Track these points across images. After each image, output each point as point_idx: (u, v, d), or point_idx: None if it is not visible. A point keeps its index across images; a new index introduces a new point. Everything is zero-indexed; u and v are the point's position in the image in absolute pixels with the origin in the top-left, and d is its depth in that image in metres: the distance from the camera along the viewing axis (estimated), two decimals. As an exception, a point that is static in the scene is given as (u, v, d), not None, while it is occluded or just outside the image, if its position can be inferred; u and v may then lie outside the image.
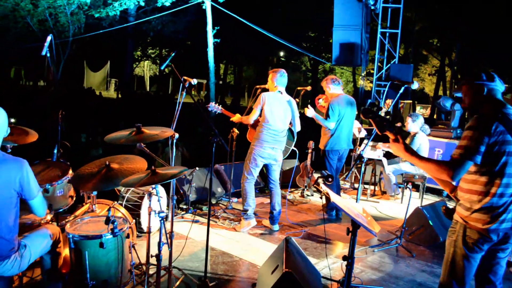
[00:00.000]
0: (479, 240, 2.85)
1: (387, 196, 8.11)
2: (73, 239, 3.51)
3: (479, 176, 2.85)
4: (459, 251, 2.94)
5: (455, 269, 2.96)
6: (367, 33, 11.17)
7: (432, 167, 2.85)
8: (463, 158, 2.76)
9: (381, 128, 3.07)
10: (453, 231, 3.01)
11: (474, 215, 2.86)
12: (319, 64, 33.82)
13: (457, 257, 2.95)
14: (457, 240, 2.95)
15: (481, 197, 2.84)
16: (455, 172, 2.77)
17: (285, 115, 5.80)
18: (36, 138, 4.17)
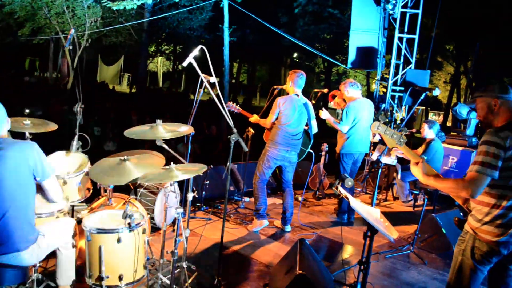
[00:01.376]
0: (488, 252, 2.83)
1: (399, 201, 8.07)
2: (90, 232, 3.52)
3: (491, 189, 2.83)
4: (467, 261, 2.92)
5: (461, 278, 2.95)
6: (384, 37, 11.10)
7: (451, 186, 2.85)
8: (482, 175, 2.74)
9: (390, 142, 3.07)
10: (462, 240, 3.00)
11: (484, 227, 2.84)
12: (333, 67, 33.72)
13: (464, 266, 2.94)
14: (466, 250, 2.93)
15: (492, 210, 2.83)
16: (474, 190, 2.75)
17: (300, 118, 5.79)
18: (55, 128, 4.21)
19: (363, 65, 11.36)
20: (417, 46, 10.80)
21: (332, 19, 18.50)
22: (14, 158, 2.97)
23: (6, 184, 2.95)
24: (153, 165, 3.79)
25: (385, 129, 3.08)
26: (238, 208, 6.87)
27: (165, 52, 41.29)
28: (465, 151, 8.45)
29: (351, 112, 6.30)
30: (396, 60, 11.10)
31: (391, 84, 11.11)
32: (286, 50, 27.65)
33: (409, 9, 10.79)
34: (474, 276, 2.91)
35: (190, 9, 19.90)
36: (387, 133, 3.06)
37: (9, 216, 2.98)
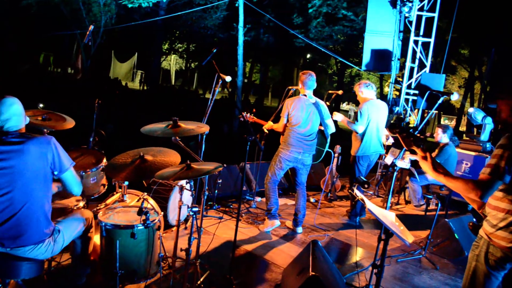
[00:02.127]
0: (502, 258, 2.80)
1: (411, 205, 8.03)
2: (105, 227, 3.55)
3: (506, 194, 2.79)
4: (481, 267, 2.89)
5: (475, 284, 2.92)
6: (399, 40, 11.06)
7: (461, 186, 2.80)
8: (493, 178, 2.71)
9: (407, 143, 3.04)
10: (476, 246, 2.97)
11: (498, 232, 2.81)
12: (346, 68, 33.63)
13: (478, 272, 2.91)
14: (480, 255, 2.91)
15: (507, 215, 2.79)
16: (483, 192, 2.72)
17: (311, 119, 5.77)
18: (73, 125, 4.23)
19: (378, 67, 11.32)
20: (432, 49, 10.74)
21: (346, 20, 18.43)
22: (33, 152, 3.00)
23: (25, 178, 2.98)
24: (169, 162, 3.81)
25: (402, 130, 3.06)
26: (250, 207, 6.87)
27: (178, 50, 41.45)
28: (479, 157, 8.39)
29: (365, 113, 6.28)
30: (411, 63, 11.06)
31: (405, 87, 11.07)
32: (299, 50, 27.61)
33: (425, 12, 10.74)
34: (488, 282, 2.88)
35: (204, 8, 19.95)
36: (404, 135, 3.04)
37: (26, 210, 3.01)
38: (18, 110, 3.10)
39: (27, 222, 3.02)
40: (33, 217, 3.05)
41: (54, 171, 3.14)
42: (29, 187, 3.01)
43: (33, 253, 3.09)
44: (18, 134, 3.06)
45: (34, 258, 3.10)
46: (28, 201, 3.02)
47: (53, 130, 4.12)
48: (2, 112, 3.03)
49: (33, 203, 3.04)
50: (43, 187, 3.11)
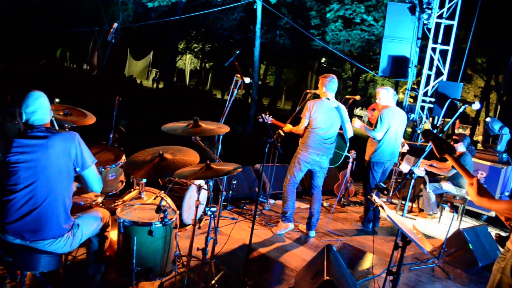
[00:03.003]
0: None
1: (424, 214, 7.98)
2: (123, 224, 3.57)
3: None
4: (506, 279, 2.86)
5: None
6: (417, 47, 11.01)
7: (506, 207, 2.79)
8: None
9: (440, 151, 3.03)
10: (502, 258, 2.93)
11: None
12: (361, 73, 33.52)
13: (503, 285, 2.88)
14: (506, 268, 2.87)
15: None
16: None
17: (332, 122, 5.76)
18: (94, 121, 4.27)
19: (394, 73, 11.26)
20: (451, 57, 10.68)
21: (365, 25, 18.39)
22: (57, 147, 3.04)
23: (48, 173, 3.01)
24: (188, 161, 3.83)
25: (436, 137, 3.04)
26: (263, 209, 6.88)
27: (194, 50, 41.61)
28: (494, 167, 8.32)
29: (385, 119, 6.26)
30: (428, 70, 11.00)
31: (421, 95, 11.01)
32: (314, 54, 27.60)
33: (444, 20, 10.68)
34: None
35: (222, 9, 20.01)
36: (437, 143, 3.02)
37: (47, 204, 3.04)
38: (44, 104, 3.14)
39: (47, 217, 3.05)
40: (53, 211, 3.08)
41: (76, 168, 3.17)
42: (51, 182, 3.04)
43: (52, 247, 3.12)
44: (43, 128, 3.09)
45: (53, 252, 3.13)
46: (50, 195, 3.05)
47: (74, 125, 4.17)
48: (28, 105, 3.06)
49: (54, 198, 3.07)
50: (65, 183, 3.14)
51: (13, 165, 2.98)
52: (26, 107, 3.06)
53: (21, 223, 3.01)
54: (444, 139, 3.06)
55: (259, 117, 6.13)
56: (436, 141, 3.05)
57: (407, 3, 10.82)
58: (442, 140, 3.04)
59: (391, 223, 7.13)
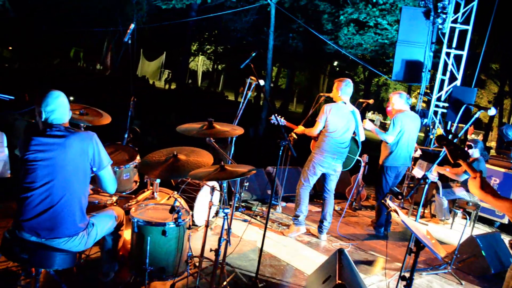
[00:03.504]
0: None
1: (436, 220, 7.93)
2: (137, 224, 3.60)
3: None
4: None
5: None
6: (431, 51, 10.96)
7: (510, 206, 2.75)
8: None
9: (454, 156, 3.01)
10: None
11: None
12: (373, 77, 33.40)
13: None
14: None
15: None
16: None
17: (348, 126, 5.75)
18: (109, 120, 4.31)
19: (407, 78, 11.21)
20: (465, 62, 10.61)
21: (378, 29, 18.32)
22: (75, 147, 3.07)
23: (65, 171, 3.05)
24: (202, 162, 3.84)
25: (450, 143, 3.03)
26: (275, 212, 6.88)
27: (207, 51, 41.74)
28: (509, 174, 8.25)
29: (398, 123, 6.23)
30: (442, 75, 10.94)
31: (434, 100, 10.95)
32: (327, 57, 27.55)
33: (459, 25, 10.62)
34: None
35: (235, 11, 20.06)
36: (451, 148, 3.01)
37: (64, 203, 3.07)
38: (63, 103, 3.17)
39: (63, 215, 3.08)
40: (69, 210, 3.11)
41: (93, 168, 3.20)
42: (68, 181, 3.07)
43: (67, 245, 3.14)
44: (62, 127, 3.13)
45: (68, 250, 3.15)
46: (66, 194, 3.08)
47: (90, 125, 4.20)
48: (48, 104, 3.10)
49: (70, 197, 3.10)
50: (81, 182, 3.17)
51: (31, 163, 3.02)
52: (46, 106, 3.10)
53: (37, 220, 3.04)
54: (458, 145, 3.04)
55: (270, 118, 6.14)
56: (450, 146, 3.03)
57: (421, 8, 10.78)
58: (456, 146, 3.03)
59: (402, 228, 7.11)
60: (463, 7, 10.50)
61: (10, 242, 3.07)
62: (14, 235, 3.09)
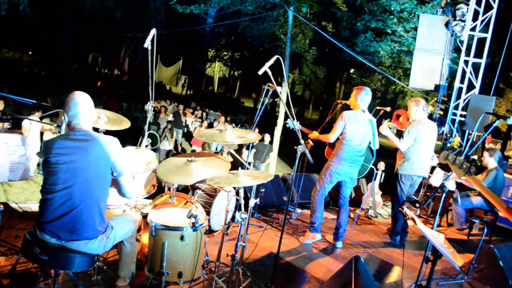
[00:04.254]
0: None
1: (453, 229, 7.86)
2: (155, 227, 3.64)
3: None
4: None
5: None
6: (448, 59, 10.91)
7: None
8: None
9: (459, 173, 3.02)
10: None
11: None
12: (390, 85, 33.25)
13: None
14: None
15: None
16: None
17: (365, 135, 5.73)
18: (128, 125, 4.36)
19: (425, 85, 11.16)
20: (483, 71, 10.53)
21: (396, 36, 18.27)
22: (97, 151, 3.11)
23: (86, 175, 3.09)
24: (219, 168, 3.88)
25: (454, 159, 3.03)
26: (291, 218, 6.88)
27: (223, 57, 41.94)
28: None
29: (413, 132, 6.20)
30: (460, 83, 10.88)
31: (452, 108, 10.88)
32: (343, 64, 27.52)
33: (477, 33, 10.56)
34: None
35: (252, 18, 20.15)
36: (456, 163, 3.01)
37: (84, 206, 3.11)
38: (86, 107, 3.21)
39: (83, 218, 3.12)
40: (89, 213, 3.15)
41: (114, 173, 3.24)
42: (88, 185, 3.11)
43: (86, 247, 3.18)
44: (85, 131, 3.17)
45: (87, 252, 3.19)
46: (87, 198, 3.12)
47: (110, 129, 4.26)
48: (71, 108, 3.15)
49: (90, 200, 3.14)
50: (101, 186, 3.21)
51: (54, 165, 3.07)
52: (69, 110, 3.15)
53: (58, 223, 3.08)
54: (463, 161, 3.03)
55: (286, 122, 6.16)
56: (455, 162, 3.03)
57: (440, 16, 10.75)
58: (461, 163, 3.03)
59: (418, 237, 7.06)
60: (482, 15, 10.43)
61: (31, 244, 3.12)
62: (35, 236, 3.14)
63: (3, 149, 4.07)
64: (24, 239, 3.20)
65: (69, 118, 3.16)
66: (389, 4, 16.39)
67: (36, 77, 27.24)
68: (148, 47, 4.41)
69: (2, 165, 4.04)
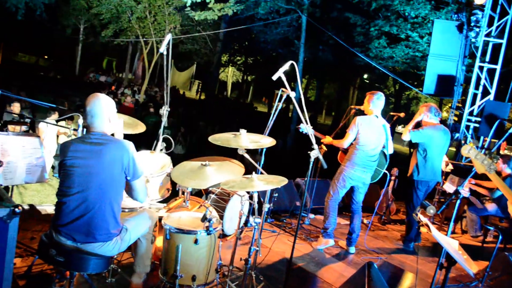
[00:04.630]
0: None
1: (468, 236, 7.80)
2: (169, 231, 3.67)
3: None
4: None
5: None
6: (463, 65, 10.85)
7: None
8: None
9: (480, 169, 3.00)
10: None
11: None
12: (404, 90, 33.08)
13: None
14: None
15: None
16: None
17: (379, 140, 5.73)
18: (143, 129, 4.41)
19: (439, 91, 11.11)
20: (499, 76, 10.45)
21: (410, 41, 18.20)
22: (111, 155, 3.15)
23: (100, 179, 3.13)
24: (233, 172, 3.90)
25: (476, 154, 3.01)
26: (303, 224, 6.89)
27: (237, 62, 42.06)
28: (543, 191, 8.05)
29: (425, 133, 6.16)
30: (474, 89, 10.80)
31: (467, 114, 10.81)
32: (357, 69, 27.48)
33: (492, 38, 10.49)
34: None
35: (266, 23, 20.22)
36: (478, 158, 3.00)
37: (98, 210, 3.15)
38: (102, 111, 3.24)
39: (97, 221, 3.16)
40: (104, 216, 3.19)
41: (127, 176, 3.27)
42: (102, 188, 3.15)
43: (101, 250, 3.22)
44: (100, 135, 3.21)
45: (102, 254, 3.23)
46: (101, 201, 3.16)
47: (124, 133, 4.30)
48: (87, 111, 3.19)
49: (105, 204, 3.18)
50: (116, 189, 3.24)
51: (69, 168, 3.11)
52: (86, 112, 3.19)
53: (73, 225, 3.13)
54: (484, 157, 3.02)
55: (298, 126, 6.16)
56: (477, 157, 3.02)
57: (454, 21, 10.70)
58: None
59: (432, 244, 7.01)
60: (497, 20, 10.37)
61: (47, 245, 3.17)
62: (51, 238, 3.18)
63: (20, 152, 4.14)
64: (40, 240, 3.24)
65: (85, 121, 3.21)
66: (404, 9, 16.34)
67: (52, 81, 27.59)
68: (164, 52, 4.44)
69: (19, 168, 4.11)
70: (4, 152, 3.99)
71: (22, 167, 4.12)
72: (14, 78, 20.10)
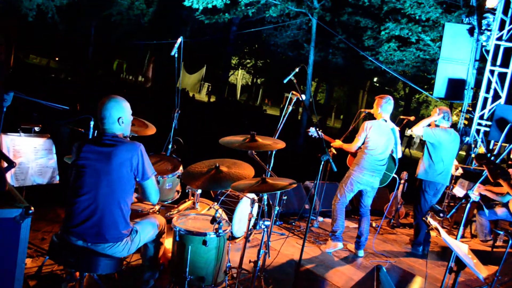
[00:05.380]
0: None
1: (477, 240, 7.75)
2: (179, 232, 3.69)
3: None
4: None
5: None
6: (474, 69, 10.79)
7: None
8: None
9: (494, 175, 3.00)
10: None
11: None
12: (414, 94, 32.95)
13: None
14: None
15: None
16: None
17: (387, 144, 5.73)
18: (154, 131, 4.44)
19: (449, 95, 11.04)
20: (510, 80, 10.38)
21: (420, 44, 18.11)
22: (121, 156, 3.18)
23: (110, 180, 3.16)
24: (243, 174, 3.92)
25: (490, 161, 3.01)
26: (312, 227, 6.89)
27: (246, 65, 42.12)
28: (555, 196, 8.00)
29: (437, 134, 6.17)
30: (485, 93, 10.73)
31: (477, 118, 10.74)
32: (367, 73, 27.40)
33: (503, 42, 10.41)
34: None
35: (276, 26, 20.25)
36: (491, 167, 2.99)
37: (108, 210, 3.18)
38: (113, 113, 3.27)
39: (107, 222, 3.19)
40: (113, 217, 3.22)
41: (137, 177, 3.30)
42: (113, 189, 3.18)
43: (111, 250, 3.25)
44: (110, 136, 3.24)
45: (112, 255, 3.26)
46: (111, 202, 3.19)
47: (135, 135, 4.34)
48: (99, 112, 3.23)
49: (114, 205, 3.21)
50: (125, 191, 3.27)
51: (80, 169, 3.15)
52: (98, 114, 3.23)
53: (84, 226, 3.16)
54: (498, 164, 3.02)
55: (308, 130, 6.17)
56: (490, 165, 3.02)
57: (465, 25, 10.64)
58: (496, 165, 3.01)
59: (440, 247, 6.99)
60: (509, 24, 10.30)
61: (58, 246, 3.20)
62: (62, 239, 3.22)
63: (32, 153, 4.18)
64: (51, 241, 3.28)
65: (97, 122, 3.24)
66: (414, 13, 16.28)
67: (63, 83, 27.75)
68: (175, 55, 4.48)
69: (31, 168, 4.16)
70: (16, 153, 4.04)
71: (34, 168, 4.17)
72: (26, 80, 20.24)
